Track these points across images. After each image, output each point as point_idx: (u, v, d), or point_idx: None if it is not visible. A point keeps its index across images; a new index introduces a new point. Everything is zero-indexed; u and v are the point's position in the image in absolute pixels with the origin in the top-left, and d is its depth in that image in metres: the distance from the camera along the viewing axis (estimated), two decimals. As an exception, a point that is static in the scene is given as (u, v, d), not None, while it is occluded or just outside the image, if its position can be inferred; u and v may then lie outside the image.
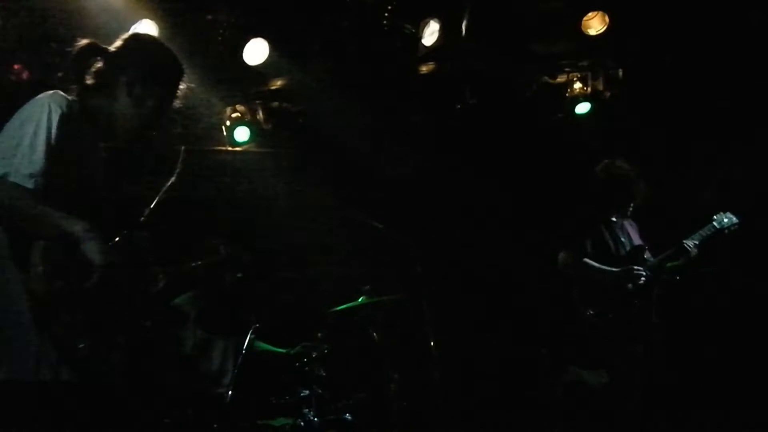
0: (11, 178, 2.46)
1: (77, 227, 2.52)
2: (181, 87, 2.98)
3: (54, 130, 2.56)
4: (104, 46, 2.85)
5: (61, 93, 2.72)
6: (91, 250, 2.50)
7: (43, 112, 2.59)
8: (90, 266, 2.49)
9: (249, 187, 7.02)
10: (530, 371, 6.77)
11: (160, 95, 2.88)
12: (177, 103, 3.00)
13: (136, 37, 3.00)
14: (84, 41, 2.86)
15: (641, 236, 5.41)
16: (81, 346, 2.45)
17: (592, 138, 6.82)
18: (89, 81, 2.80)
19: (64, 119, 2.61)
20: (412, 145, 7.28)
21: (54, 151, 2.55)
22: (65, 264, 2.49)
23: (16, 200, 2.46)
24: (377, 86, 6.95)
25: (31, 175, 2.49)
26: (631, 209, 5.39)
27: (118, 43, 2.87)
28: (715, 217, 5.40)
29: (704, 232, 5.34)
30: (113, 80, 2.80)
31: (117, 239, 2.72)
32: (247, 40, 5.68)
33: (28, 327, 2.44)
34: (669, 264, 5.24)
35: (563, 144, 7.08)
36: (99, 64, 2.81)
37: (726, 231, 5.37)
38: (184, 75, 2.99)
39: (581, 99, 6.85)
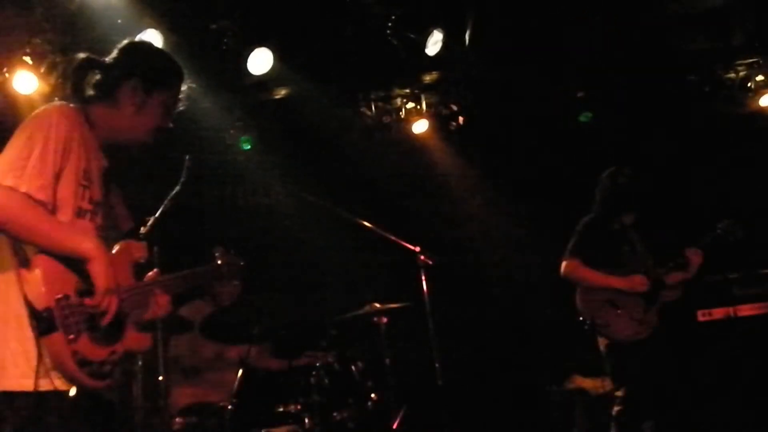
0: (22, 189, 2.45)
1: (86, 246, 2.52)
2: (183, 88, 2.97)
3: (63, 142, 2.56)
4: (100, 59, 2.84)
5: (67, 104, 2.73)
6: (97, 273, 2.51)
7: (51, 123, 2.58)
8: (93, 287, 2.50)
9: (253, 195, 7.04)
10: (532, 378, 6.77)
11: (163, 100, 2.87)
12: (181, 106, 2.99)
13: (132, 45, 2.98)
14: (80, 55, 2.85)
15: (646, 244, 5.40)
16: (79, 357, 2.45)
17: (597, 145, 6.83)
18: (90, 93, 2.81)
19: (71, 130, 2.62)
20: (415, 151, 7.30)
21: (64, 163, 2.56)
22: (68, 275, 2.49)
23: (27, 212, 2.45)
24: (381, 94, 7.01)
25: (41, 187, 2.48)
26: (635, 216, 5.38)
27: (114, 53, 2.86)
28: (718, 224, 5.40)
29: (708, 239, 5.34)
30: (114, 90, 2.80)
31: (115, 248, 2.73)
32: (252, 50, 5.71)
33: (27, 337, 2.44)
34: (673, 272, 5.24)
35: (568, 151, 7.09)
36: (97, 76, 2.82)
37: (730, 238, 5.37)
38: (185, 76, 2.97)
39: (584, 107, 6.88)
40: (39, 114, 2.66)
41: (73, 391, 2.47)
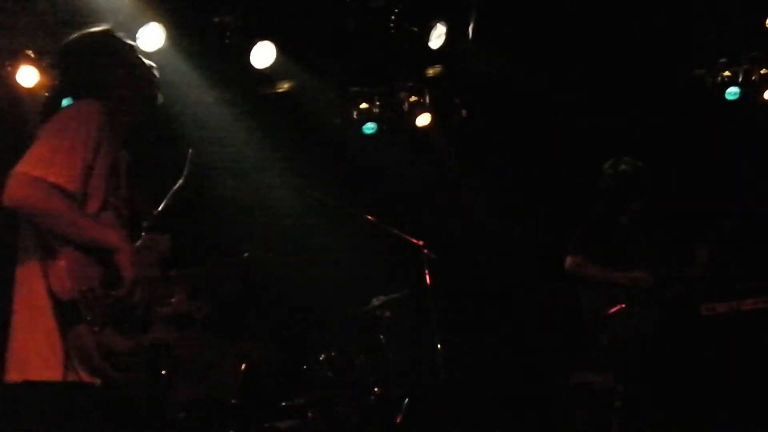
0: (50, 180, 2.45)
1: (112, 237, 2.55)
2: (136, 50, 2.97)
3: (95, 135, 2.58)
4: (59, 80, 2.93)
5: (96, 100, 2.74)
6: (124, 264, 2.53)
7: (83, 117, 2.61)
8: (119, 277, 2.51)
9: (256, 189, 7.03)
10: (536, 373, 6.76)
11: (133, 73, 2.88)
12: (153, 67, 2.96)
13: (68, 46, 2.97)
14: (51, 89, 2.90)
15: (651, 239, 5.39)
16: (104, 348, 2.47)
17: (600, 141, 6.81)
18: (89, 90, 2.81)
19: (102, 125, 2.63)
20: (419, 145, 7.29)
21: (95, 156, 2.57)
22: (92, 267, 2.50)
23: (53, 203, 2.46)
24: (384, 88, 7.00)
25: (70, 178, 2.49)
26: (640, 209, 5.35)
27: (61, 60, 2.94)
28: (725, 219, 5.39)
29: (715, 234, 5.33)
30: (98, 85, 2.81)
31: (140, 242, 2.76)
32: (254, 43, 5.69)
33: (51, 328, 2.46)
34: (678, 267, 5.24)
35: (572, 145, 7.07)
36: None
37: (735, 235, 5.36)
38: (130, 45, 2.98)
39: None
40: (71, 107, 2.70)
41: (97, 383, 2.48)
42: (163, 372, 4.23)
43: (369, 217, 5.51)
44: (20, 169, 2.46)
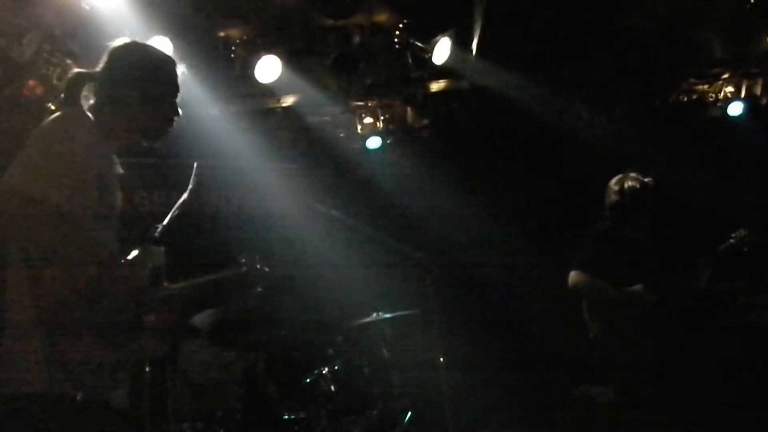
0: (37, 195, 2.42)
1: (103, 250, 2.54)
2: (179, 73, 2.96)
3: (78, 148, 2.57)
4: (91, 71, 2.84)
5: (82, 111, 2.74)
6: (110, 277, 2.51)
7: (68, 129, 2.60)
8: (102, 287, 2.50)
9: (261, 202, 7.05)
10: (539, 387, 6.75)
11: (162, 94, 2.88)
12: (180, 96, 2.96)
13: (117, 50, 2.91)
14: (73, 71, 2.87)
15: (657, 253, 5.37)
16: (89, 360, 2.46)
17: (607, 152, 6.83)
18: (91, 101, 2.81)
19: (88, 138, 2.62)
20: (421, 158, 7.31)
21: (79, 169, 2.56)
22: (78, 278, 2.50)
23: (39, 217, 2.43)
24: (388, 102, 7.03)
25: (57, 192, 2.46)
26: (646, 224, 5.34)
27: (103, 62, 2.85)
28: (733, 234, 5.38)
29: (722, 249, 5.32)
30: (111, 97, 2.80)
31: (134, 254, 2.74)
32: (259, 57, 5.72)
33: (37, 339, 2.45)
34: (682, 282, 5.23)
35: (577, 159, 7.09)
36: (95, 87, 2.82)
37: (745, 249, 5.34)
38: (176, 64, 2.96)
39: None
40: (56, 119, 2.66)
41: (79, 396, 2.47)
42: (164, 384, 4.23)
43: (372, 229, 5.51)
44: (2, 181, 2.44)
